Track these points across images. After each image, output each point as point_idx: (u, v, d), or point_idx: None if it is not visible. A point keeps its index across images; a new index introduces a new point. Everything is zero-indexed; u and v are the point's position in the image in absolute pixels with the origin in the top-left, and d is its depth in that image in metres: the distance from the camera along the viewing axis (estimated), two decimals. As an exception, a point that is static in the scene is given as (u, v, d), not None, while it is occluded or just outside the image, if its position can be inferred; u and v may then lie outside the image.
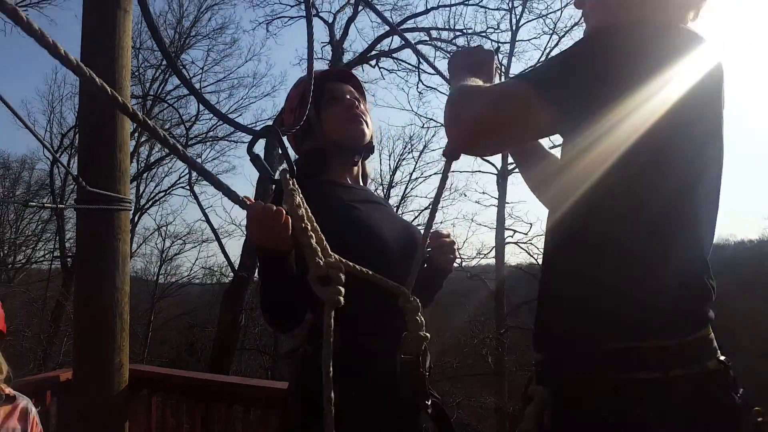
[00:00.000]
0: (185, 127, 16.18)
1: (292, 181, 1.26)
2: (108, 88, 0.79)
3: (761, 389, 7.66)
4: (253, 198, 1.34)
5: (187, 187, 16.41)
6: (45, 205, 6.75)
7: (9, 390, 1.84)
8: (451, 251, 1.71)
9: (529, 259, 16.17)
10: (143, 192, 18.33)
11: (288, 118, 1.76)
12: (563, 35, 14.11)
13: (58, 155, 14.20)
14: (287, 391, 1.59)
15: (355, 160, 1.76)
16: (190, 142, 16.47)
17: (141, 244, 19.66)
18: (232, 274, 11.19)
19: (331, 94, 1.73)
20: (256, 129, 1.21)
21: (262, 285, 1.46)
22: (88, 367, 2.65)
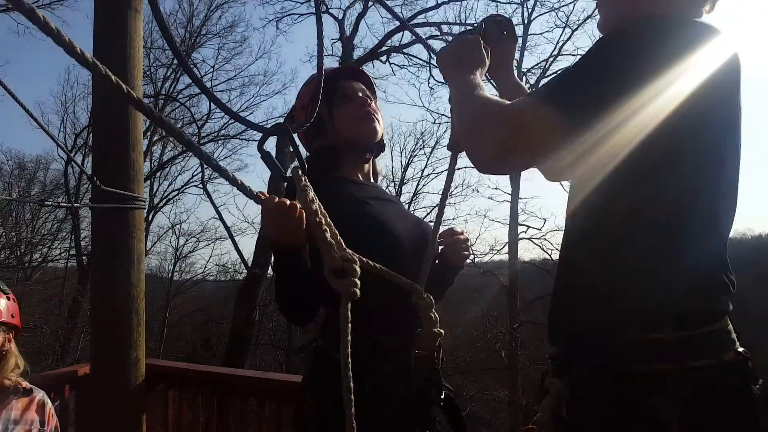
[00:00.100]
0: (197, 125, 16.25)
1: (304, 178, 1.27)
2: (123, 85, 0.80)
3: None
4: None
5: (200, 185, 16.50)
6: (60, 204, 6.81)
7: (26, 384, 1.89)
8: (464, 248, 1.72)
9: (543, 255, 16.04)
10: (157, 191, 18.50)
11: (299, 115, 1.77)
12: (576, 28, 13.94)
13: (72, 155, 14.31)
14: (301, 384, 1.61)
15: (366, 157, 1.77)
16: (202, 141, 16.54)
17: (155, 242, 19.86)
18: (245, 271, 11.25)
19: (343, 92, 1.74)
20: (267, 127, 1.22)
21: (276, 279, 1.47)
22: (106, 362, 2.69)
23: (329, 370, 1.34)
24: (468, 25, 13.37)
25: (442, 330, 1.45)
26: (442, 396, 1.49)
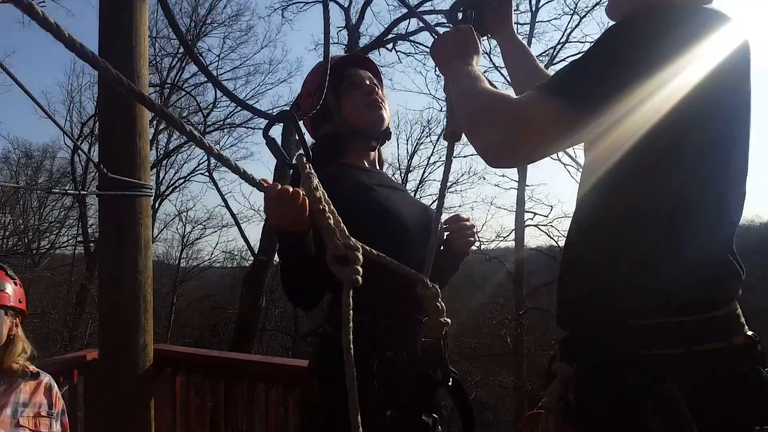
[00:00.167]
0: (203, 114, 16.22)
1: (308, 165, 1.28)
2: (124, 78, 0.80)
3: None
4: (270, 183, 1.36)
5: (207, 173, 16.52)
6: (68, 192, 6.84)
7: (33, 367, 1.92)
8: (469, 234, 1.72)
9: (549, 242, 16.00)
10: (163, 179, 18.52)
11: (305, 102, 1.77)
12: (584, 15, 13.80)
13: (79, 143, 14.35)
14: (308, 368, 1.62)
15: (372, 145, 1.77)
16: (207, 130, 16.55)
17: (162, 230, 19.94)
18: (252, 258, 11.29)
19: (351, 80, 1.74)
20: (273, 114, 1.23)
21: (281, 265, 1.49)
22: (114, 347, 2.72)
23: (335, 355, 1.35)
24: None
25: (448, 319, 1.46)
26: (449, 380, 1.50)
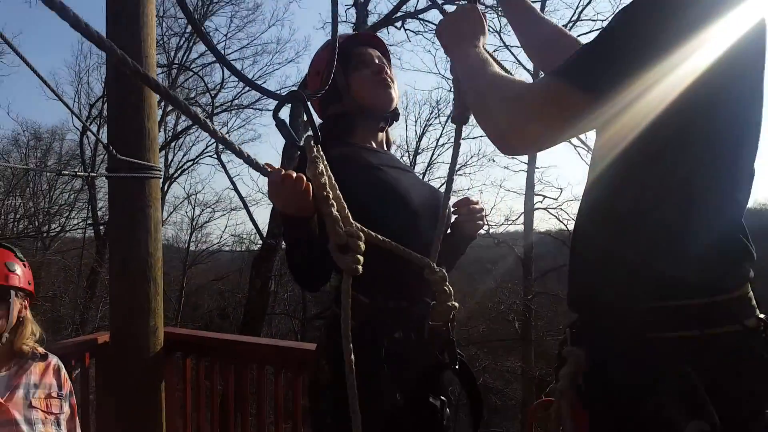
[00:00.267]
0: (210, 95, 16.24)
1: (316, 148, 1.27)
2: (129, 59, 0.80)
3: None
4: (279, 165, 1.36)
5: (215, 155, 16.57)
6: (77, 174, 6.87)
7: (41, 349, 1.95)
8: (478, 217, 1.71)
9: (559, 225, 15.93)
10: (172, 161, 18.57)
11: (313, 80, 1.76)
12: (597, -8, 13.67)
13: (88, 125, 14.39)
14: (316, 350, 1.62)
15: (381, 125, 1.75)
16: (215, 111, 16.55)
17: (171, 213, 20.03)
18: (260, 242, 11.34)
19: (360, 59, 1.72)
20: (282, 94, 1.21)
21: (287, 247, 1.49)
22: (125, 330, 2.74)
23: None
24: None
25: (456, 303, 1.46)
26: (456, 363, 1.50)
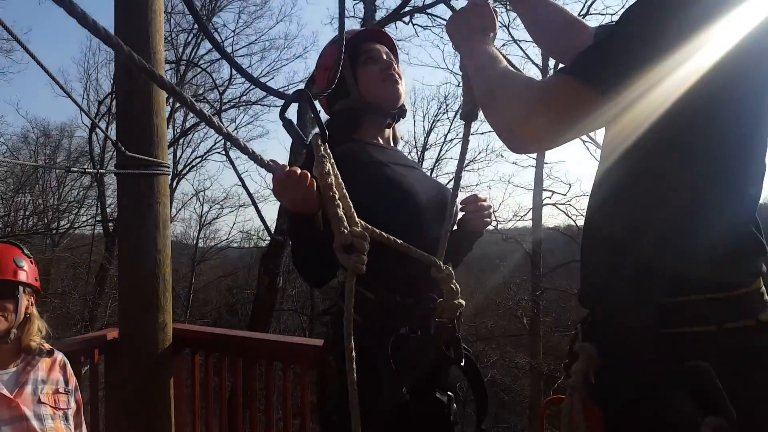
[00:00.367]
0: (218, 91, 16.26)
1: (323, 147, 1.27)
2: (136, 55, 0.79)
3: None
4: (287, 162, 1.35)
5: (223, 152, 16.61)
6: (86, 170, 6.90)
7: (47, 345, 1.97)
8: (486, 214, 1.71)
9: (568, 221, 15.93)
10: (180, 158, 18.65)
11: (321, 77, 1.75)
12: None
13: (97, 122, 14.46)
14: (323, 346, 1.63)
15: (388, 122, 1.75)
16: (223, 107, 16.58)
17: (180, 209, 20.15)
18: (269, 238, 11.36)
19: (367, 55, 1.72)
20: (288, 93, 1.20)
21: (292, 243, 1.49)
22: (133, 326, 2.75)
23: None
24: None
25: (463, 301, 1.46)
26: (462, 359, 1.50)
